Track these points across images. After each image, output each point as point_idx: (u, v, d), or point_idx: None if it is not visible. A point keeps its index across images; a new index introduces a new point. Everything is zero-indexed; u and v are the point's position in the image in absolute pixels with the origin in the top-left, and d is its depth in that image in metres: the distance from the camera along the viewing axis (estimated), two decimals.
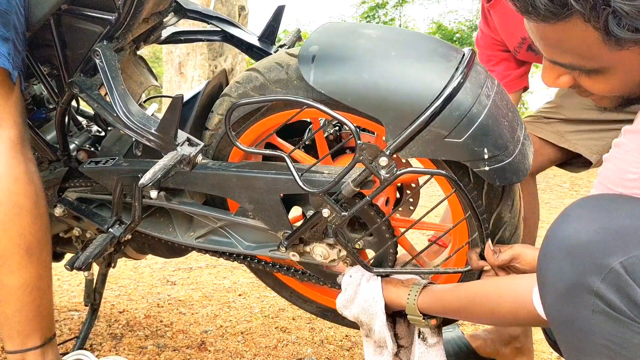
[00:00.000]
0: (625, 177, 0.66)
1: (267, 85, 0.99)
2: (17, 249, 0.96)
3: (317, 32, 0.96)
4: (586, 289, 0.60)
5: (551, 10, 0.60)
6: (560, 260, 0.62)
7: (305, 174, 0.96)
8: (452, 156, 0.86)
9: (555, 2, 0.60)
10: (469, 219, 0.98)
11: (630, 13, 0.57)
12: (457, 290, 0.91)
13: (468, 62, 0.89)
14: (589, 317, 0.60)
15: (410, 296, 0.94)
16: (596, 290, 0.59)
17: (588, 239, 0.61)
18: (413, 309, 0.93)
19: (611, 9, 0.57)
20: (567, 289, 0.62)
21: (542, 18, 0.62)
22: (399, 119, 0.86)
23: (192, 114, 1.09)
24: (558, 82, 0.72)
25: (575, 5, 0.58)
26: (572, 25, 0.61)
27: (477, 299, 0.86)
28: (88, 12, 1.00)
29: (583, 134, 1.29)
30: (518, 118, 0.95)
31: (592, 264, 0.60)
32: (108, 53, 0.98)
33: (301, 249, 1.05)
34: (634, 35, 0.58)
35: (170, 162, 0.91)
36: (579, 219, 0.63)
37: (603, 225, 0.61)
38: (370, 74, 0.87)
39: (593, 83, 0.68)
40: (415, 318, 0.94)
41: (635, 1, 0.56)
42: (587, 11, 0.59)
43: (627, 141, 0.68)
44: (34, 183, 0.99)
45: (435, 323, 0.94)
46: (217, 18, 1.31)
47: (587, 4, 0.58)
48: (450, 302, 0.90)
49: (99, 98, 1.01)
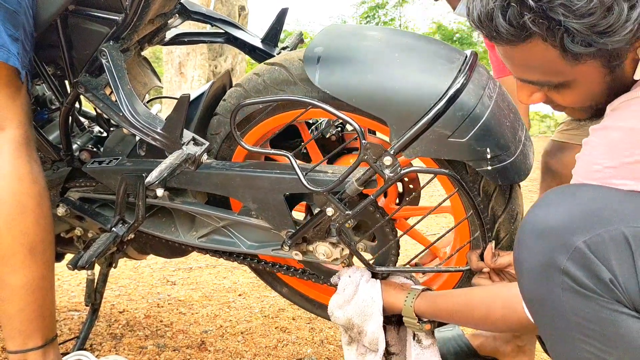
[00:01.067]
0: (592, 169, 0.71)
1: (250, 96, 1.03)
2: (21, 248, 0.96)
3: (321, 33, 0.98)
4: (555, 267, 0.64)
5: (512, 33, 0.67)
6: (532, 243, 0.67)
7: (310, 174, 0.98)
8: (455, 156, 0.88)
9: (515, 25, 0.67)
10: (470, 219, 0.99)
11: (580, 30, 0.63)
12: (452, 295, 0.95)
13: (470, 64, 0.90)
14: (559, 294, 0.64)
15: (407, 300, 0.96)
16: (563, 268, 0.63)
17: (555, 221, 0.65)
18: (409, 312, 0.96)
19: (564, 28, 0.64)
20: (538, 269, 0.66)
21: (507, 42, 0.69)
22: (403, 119, 0.87)
23: (196, 114, 1.10)
24: (532, 99, 0.78)
25: (532, 28, 0.65)
26: (533, 46, 0.68)
27: (471, 304, 0.89)
28: (95, 12, 1.00)
29: None
30: (519, 119, 0.97)
31: (558, 244, 0.64)
32: (114, 53, 0.99)
33: (304, 247, 1.06)
34: (587, 49, 0.65)
35: (176, 161, 0.92)
36: (548, 205, 0.68)
37: (569, 208, 0.66)
38: (374, 75, 0.89)
39: (562, 97, 0.75)
40: (411, 321, 0.96)
41: (583, 19, 0.63)
42: (544, 32, 0.66)
43: (594, 138, 0.73)
44: (38, 183, 0.99)
45: (429, 328, 0.96)
46: (220, 20, 1.32)
47: (543, 26, 0.65)
48: (446, 307, 0.93)
49: (105, 98, 1.01)
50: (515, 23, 0.66)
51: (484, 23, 0.69)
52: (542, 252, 0.65)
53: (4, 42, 0.91)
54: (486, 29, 0.70)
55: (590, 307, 0.63)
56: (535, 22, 0.65)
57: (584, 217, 0.64)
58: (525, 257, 0.68)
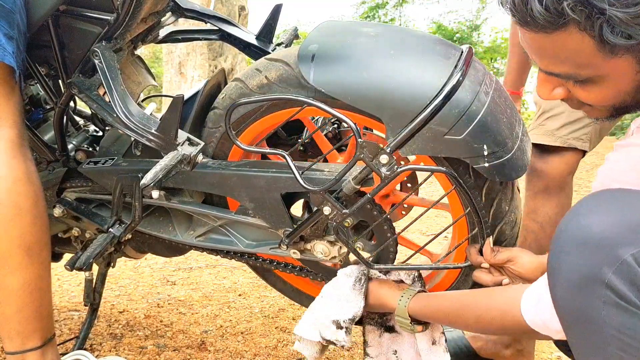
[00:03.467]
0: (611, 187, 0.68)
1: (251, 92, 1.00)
2: (18, 250, 0.95)
3: (316, 30, 0.96)
4: (598, 280, 0.60)
5: (548, 19, 0.63)
6: (572, 253, 0.63)
7: (306, 172, 0.97)
8: (452, 153, 0.87)
9: (551, 11, 0.62)
10: (468, 215, 0.98)
11: (624, 20, 0.59)
12: (447, 297, 0.93)
13: (466, 60, 0.89)
14: (599, 308, 0.61)
15: (402, 299, 0.95)
16: (607, 281, 0.60)
17: (600, 231, 0.61)
18: (403, 312, 0.95)
19: (606, 17, 0.60)
20: (578, 281, 0.62)
21: (540, 28, 0.64)
22: (399, 117, 0.86)
23: (191, 114, 1.09)
24: (553, 94, 0.74)
25: (571, 14, 0.61)
26: (567, 34, 0.64)
27: (466, 305, 0.88)
28: (86, 12, 0.99)
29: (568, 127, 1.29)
30: (516, 115, 0.95)
31: (604, 255, 0.60)
32: (107, 53, 0.98)
33: (302, 246, 1.06)
34: (627, 42, 0.61)
35: (171, 162, 0.91)
36: (591, 213, 0.64)
37: (615, 218, 0.62)
38: (369, 73, 0.88)
39: (587, 93, 0.71)
40: (403, 321, 0.96)
41: (628, 9, 0.58)
42: (582, 20, 0.61)
43: (617, 154, 0.71)
44: (34, 183, 0.99)
45: (421, 330, 0.96)
46: (214, 17, 1.31)
47: (583, 13, 0.60)
48: (440, 308, 0.92)
49: (98, 98, 1.01)
50: (552, 9, 0.61)
51: (518, 7, 0.64)
52: (585, 263, 0.61)
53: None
54: (520, 13, 0.65)
55: (633, 323, 0.59)
56: (574, 9, 0.60)
57: (633, 229, 0.60)
58: (564, 266, 0.64)
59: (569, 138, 1.27)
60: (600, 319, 0.61)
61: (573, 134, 1.28)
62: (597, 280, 0.60)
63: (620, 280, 0.59)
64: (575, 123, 1.27)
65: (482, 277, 0.97)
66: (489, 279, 0.96)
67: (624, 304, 0.59)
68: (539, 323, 0.74)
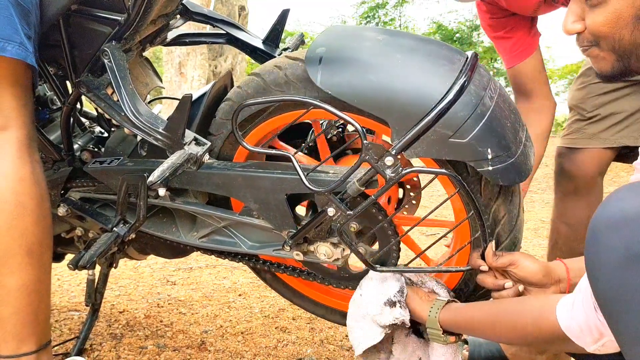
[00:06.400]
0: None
1: (268, 88, 1.01)
2: (19, 249, 0.94)
3: (323, 34, 0.98)
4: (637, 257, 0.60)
5: None
6: (607, 238, 0.63)
7: (311, 174, 0.98)
8: (456, 156, 0.88)
9: None
10: (471, 219, 0.99)
11: None
12: (479, 307, 0.92)
13: (471, 65, 0.91)
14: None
15: (432, 310, 0.95)
16: None
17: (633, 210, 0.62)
18: (434, 323, 0.94)
19: None
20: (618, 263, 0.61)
21: None
22: (405, 120, 0.88)
23: (198, 114, 1.10)
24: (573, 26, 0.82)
25: None
26: None
27: (499, 313, 0.86)
28: (97, 12, 1.00)
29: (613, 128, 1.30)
30: (520, 120, 0.97)
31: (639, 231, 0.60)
32: (117, 53, 0.99)
33: (305, 248, 1.07)
34: None
35: (178, 160, 0.93)
36: (620, 200, 0.64)
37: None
38: (376, 76, 0.89)
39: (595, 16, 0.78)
40: (435, 332, 0.94)
41: None
42: None
43: None
44: (39, 184, 0.98)
45: (454, 340, 0.94)
46: (222, 21, 1.32)
47: None
48: (473, 318, 0.90)
49: (107, 97, 1.02)
50: None
51: None
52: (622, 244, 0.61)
53: (22, 41, 0.91)
54: None
55: None
56: None
57: None
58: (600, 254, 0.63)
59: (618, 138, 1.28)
60: None
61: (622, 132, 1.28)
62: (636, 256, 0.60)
63: None
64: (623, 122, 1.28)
65: (486, 280, 0.98)
66: (493, 282, 0.97)
67: None
68: (575, 329, 0.72)
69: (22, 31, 0.91)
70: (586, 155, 1.30)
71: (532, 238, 2.74)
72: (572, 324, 0.73)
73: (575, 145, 1.31)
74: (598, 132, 1.30)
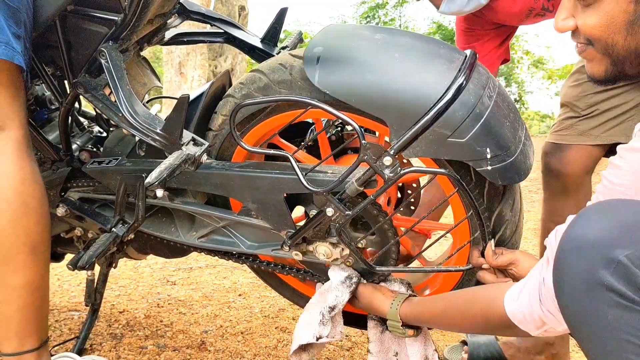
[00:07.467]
0: (616, 191, 0.71)
1: (271, 86, 1.00)
2: (23, 248, 0.95)
3: (321, 33, 0.97)
4: (598, 284, 0.61)
5: None
6: (571, 260, 0.64)
7: (309, 174, 0.98)
8: (455, 156, 0.88)
9: None
10: (470, 218, 0.99)
11: None
12: (435, 299, 0.96)
13: (470, 64, 0.90)
14: (605, 312, 0.61)
15: (393, 304, 0.98)
16: (607, 284, 0.60)
17: (594, 236, 0.63)
18: (394, 316, 0.97)
19: None
20: (580, 287, 0.63)
21: None
22: (403, 119, 0.87)
23: (196, 114, 1.10)
24: (564, 23, 0.79)
25: None
26: None
27: (452, 303, 0.90)
28: (94, 12, 1.00)
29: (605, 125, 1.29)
30: (519, 119, 0.96)
31: (599, 258, 0.61)
32: (114, 53, 0.99)
33: (304, 248, 1.06)
34: None
35: (175, 161, 0.92)
36: (588, 220, 0.65)
37: (608, 222, 0.63)
38: (374, 75, 0.89)
39: (587, 18, 0.75)
40: (395, 324, 0.98)
41: None
42: None
43: (620, 157, 0.73)
44: (39, 183, 0.99)
45: (412, 334, 0.98)
46: (220, 20, 1.32)
47: None
48: (428, 310, 0.94)
49: (104, 98, 1.01)
50: None
51: None
52: (583, 268, 0.62)
53: (8, 40, 0.90)
54: None
55: None
56: None
57: (625, 231, 0.62)
58: (565, 276, 0.65)
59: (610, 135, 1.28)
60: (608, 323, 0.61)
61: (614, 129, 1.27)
62: (597, 283, 0.61)
63: (620, 281, 0.60)
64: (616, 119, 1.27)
65: (486, 277, 0.98)
66: (493, 280, 0.97)
67: (628, 304, 0.60)
68: (519, 316, 0.75)
69: (8, 30, 0.90)
70: (574, 153, 1.28)
71: (532, 238, 2.73)
72: (516, 312, 0.76)
73: (563, 141, 1.30)
74: (589, 129, 1.29)
